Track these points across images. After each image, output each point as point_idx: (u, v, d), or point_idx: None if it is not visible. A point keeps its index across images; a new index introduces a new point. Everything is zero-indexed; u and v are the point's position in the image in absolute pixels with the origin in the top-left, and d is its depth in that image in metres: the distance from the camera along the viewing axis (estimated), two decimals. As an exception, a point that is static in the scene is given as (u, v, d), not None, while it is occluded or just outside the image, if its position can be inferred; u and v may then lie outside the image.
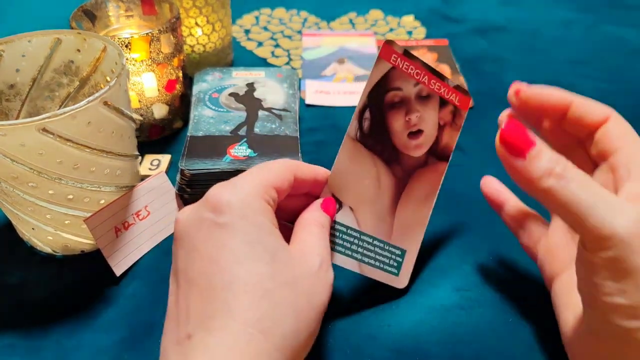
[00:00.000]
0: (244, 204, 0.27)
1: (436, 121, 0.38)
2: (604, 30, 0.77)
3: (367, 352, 0.35)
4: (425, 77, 0.37)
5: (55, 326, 0.37)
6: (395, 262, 0.37)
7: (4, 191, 0.37)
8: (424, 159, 0.38)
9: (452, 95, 0.38)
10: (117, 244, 0.40)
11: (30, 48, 0.41)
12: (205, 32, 0.62)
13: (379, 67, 0.35)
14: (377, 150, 0.36)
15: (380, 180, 0.36)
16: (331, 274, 0.30)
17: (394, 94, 0.36)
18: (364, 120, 0.35)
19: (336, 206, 0.35)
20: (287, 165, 0.32)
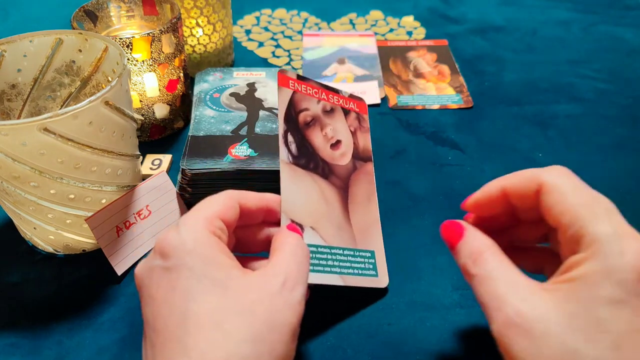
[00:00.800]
0: (189, 241, 0.28)
1: (347, 129, 0.42)
2: (603, 30, 0.77)
3: (367, 351, 0.35)
4: (322, 94, 0.41)
5: (56, 325, 0.37)
6: (370, 264, 0.38)
7: (6, 190, 0.37)
8: (352, 164, 0.41)
9: (350, 104, 0.43)
10: (119, 244, 0.40)
11: (31, 48, 0.42)
12: (206, 32, 0.62)
13: (283, 94, 0.39)
14: (310, 167, 0.38)
15: (325, 194, 0.38)
16: (298, 292, 0.28)
17: (305, 114, 0.40)
18: (290, 143, 0.38)
19: (300, 230, 0.35)
20: (230, 194, 0.32)
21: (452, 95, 0.62)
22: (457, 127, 0.57)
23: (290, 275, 0.29)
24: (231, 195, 0.32)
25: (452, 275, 0.41)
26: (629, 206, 0.47)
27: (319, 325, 0.37)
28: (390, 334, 0.36)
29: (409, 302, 0.39)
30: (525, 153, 0.53)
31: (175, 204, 0.44)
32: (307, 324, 0.37)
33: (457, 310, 0.38)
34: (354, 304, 0.38)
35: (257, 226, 0.35)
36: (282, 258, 0.30)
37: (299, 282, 0.29)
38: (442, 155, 0.53)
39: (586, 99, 0.62)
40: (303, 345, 0.36)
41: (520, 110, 0.60)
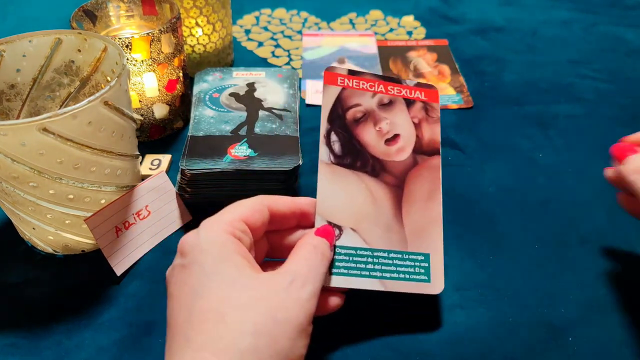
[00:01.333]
0: (204, 241, 0.29)
1: (409, 121, 0.39)
2: (603, 30, 0.77)
3: (367, 351, 0.35)
4: (380, 86, 0.39)
5: (56, 325, 0.37)
6: (422, 269, 0.36)
7: (5, 191, 0.37)
8: (412, 159, 0.38)
9: (416, 93, 0.40)
10: (118, 244, 0.40)
11: (31, 48, 0.41)
12: (206, 32, 0.62)
13: (329, 93, 0.38)
14: (357, 166, 0.37)
15: (373, 193, 0.36)
16: (307, 291, 0.29)
17: (355, 111, 0.38)
18: (333, 143, 0.37)
19: (335, 232, 0.34)
20: (259, 198, 0.33)
21: (452, 95, 0.62)
22: (457, 127, 0.57)
23: (299, 274, 0.29)
24: (260, 200, 0.33)
25: (452, 275, 0.41)
26: (629, 206, 0.47)
27: (318, 325, 0.37)
28: (390, 334, 0.36)
29: (409, 302, 0.39)
30: (526, 153, 0.53)
31: (174, 204, 0.44)
32: (307, 324, 0.37)
33: (457, 310, 0.38)
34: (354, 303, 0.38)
35: (290, 230, 0.35)
36: (295, 259, 0.31)
37: (308, 281, 0.29)
38: (442, 155, 0.53)
39: (586, 99, 0.62)
40: (303, 346, 0.36)
41: (520, 110, 0.60)
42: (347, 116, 0.38)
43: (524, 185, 0.49)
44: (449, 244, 0.43)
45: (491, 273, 0.41)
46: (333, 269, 0.34)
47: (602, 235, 0.44)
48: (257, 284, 0.28)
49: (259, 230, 0.32)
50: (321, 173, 0.36)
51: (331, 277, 0.34)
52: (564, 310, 0.38)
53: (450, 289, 0.40)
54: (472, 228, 0.45)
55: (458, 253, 0.43)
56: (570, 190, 0.49)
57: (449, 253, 0.43)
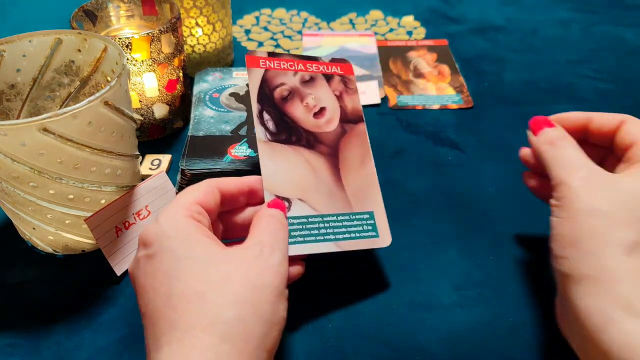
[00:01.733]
0: (167, 228, 0.29)
1: (332, 94, 0.42)
2: (603, 30, 0.77)
3: (367, 351, 0.35)
4: (299, 65, 0.42)
5: (55, 325, 0.37)
6: (369, 226, 0.38)
7: (5, 191, 0.37)
8: (340, 128, 0.41)
9: (332, 68, 0.43)
10: (118, 244, 0.40)
11: (31, 48, 0.41)
12: (206, 32, 0.62)
13: (253, 75, 0.40)
14: (293, 141, 0.39)
15: (312, 164, 0.38)
16: (276, 257, 0.30)
17: (281, 89, 0.40)
18: (266, 122, 0.39)
19: (285, 204, 0.36)
20: (208, 181, 0.34)
21: (452, 95, 0.62)
22: (457, 127, 0.57)
23: (266, 243, 0.30)
24: (209, 182, 0.34)
25: (452, 275, 0.41)
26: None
27: (319, 326, 0.37)
28: (390, 334, 0.36)
29: (409, 302, 0.39)
30: (525, 153, 0.53)
31: (174, 204, 0.44)
32: (307, 324, 0.37)
33: (457, 310, 0.38)
34: (354, 304, 0.38)
35: (241, 209, 0.36)
36: (258, 231, 0.32)
37: (275, 247, 0.30)
38: (442, 155, 0.53)
39: (586, 99, 0.62)
40: (303, 345, 0.36)
41: (520, 110, 0.60)
42: (275, 95, 0.40)
43: (523, 185, 0.49)
44: (449, 243, 0.43)
45: (491, 273, 0.41)
46: (289, 239, 0.35)
47: (602, 235, 0.44)
48: (229, 258, 0.29)
49: (213, 211, 0.33)
50: (261, 151, 0.37)
51: (289, 246, 0.35)
52: (563, 310, 0.38)
53: (450, 289, 0.40)
54: (472, 228, 0.45)
55: (458, 253, 0.43)
56: (570, 190, 0.49)
57: (449, 253, 0.43)
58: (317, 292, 0.39)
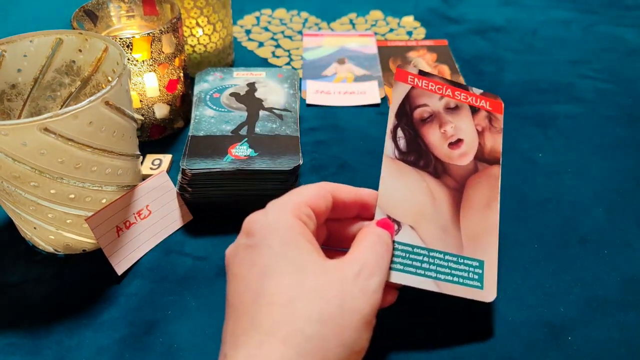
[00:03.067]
0: (273, 222, 0.29)
1: (473, 128, 0.39)
2: (603, 30, 0.77)
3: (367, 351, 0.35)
4: (448, 90, 0.40)
5: (56, 325, 0.37)
6: (476, 275, 0.35)
7: (6, 190, 0.37)
8: (473, 166, 0.38)
9: (481, 102, 0.40)
10: (119, 243, 0.40)
11: (32, 48, 0.42)
12: (206, 32, 0.62)
13: (399, 89, 0.38)
14: (420, 165, 0.37)
15: (434, 193, 0.36)
16: (374, 282, 0.29)
17: (422, 110, 0.38)
18: (398, 139, 0.37)
19: (394, 226, 0.34)
20: (323, 185, 0.33)
21: (452, 95, 0.62)
22: (457, 127, 0.57)
23: (367, 264, 0.29)
24: (325, 186, 0.33)
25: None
26: (628, 206, 0.47)
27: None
28: (390, 334, 0.36)
29: (409, 302, 0.39)
30: (525, 153, 0.53)
31: (175, 204, 0.44)
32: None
33: (458, 310, 0.38)
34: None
35: (350, 220, 0.35)
36: (361, 248, 0.31)
37: (375, 272, 0.29)
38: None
39: (586, 99, 0.62)
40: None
41: (520, 110, 0.60)
42: (415, 115, 0.38)
43: (524, 185, 0.49)
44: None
45: (491, 272, 0.41)
46: (391, 264, 0.34)
47: (601, 235, 0.44)
48: (325, 272, 0.28)
49: (322, 216, 0.32)
50: (385, 167, 0.36)
51: (390, 272, 0.34)
52: (563, 310, 0.38)
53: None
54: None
55: (458, 253, 0.43)
56: (570, 190, 0.49)
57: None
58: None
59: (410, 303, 0.37)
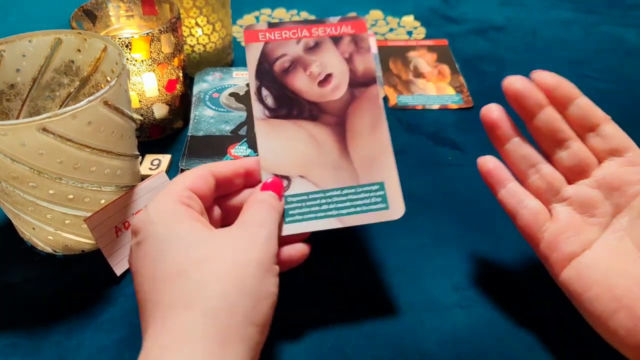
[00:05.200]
0: (153, 214, 0.30)
1: (339, 57, 0.39)
2: (603, 30, 0.77)
3: (367, 351, 0.35)
4: (304, 31, 0.39)
5: (55, 325, 0.37)
6: (379, 197, 0.36)
7: (5, 191, 0.37)
8: (349, 95, 0.38)
9: (342, 29, 0.40)
10: (118, 244, 0.40)
11: (30, 48, 0.41)
12: (206, 32, 0.62)
13: (251, 50, 0.38)
14: (294, 115, 0.37)
15: (315, 136, 0.37)
16: (262, 234, 0.30)
17: (282, 61, 0.38)
18: (265, 98, 0.37)
19: (283, 182, 0.35)
20: (202, 167, 0.33)
21: (452, 95, 0.62)
22: (457, 127, 0.57)
23: (252, 223, 0.30)
24: (202, 168, 0.33)
25: (452, 275, 0.41)
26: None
27: (319, 326, 0.37)
28: (390, 334, 0.36)
29: (409, 302, 0.39)
30: (526, 153, 0.53)
31: (174, 204, 0.44)
32: (307, 324, 0.37)
33: (457, 310, 0.38)
34: (354, 304, 0.38)
35: (239, 192, 0.36)
36: (245, 214, 0.31)
37: (262, 226, 0.30)
38: (442, 155, 0.53)
39: (586, 99, 0.62)
40: (303, 346, 0.36)
41: (520, 110, 0.60)
42: (275, 68, 0.38)
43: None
44: (449, 243, 0.43)
45: (491, 273, 0.41)
46: (287, 218, 0.35)
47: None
48: (213, 238, 0.29)
49: (207, 197, 0.33)
50: (258, 129, 0.36)
51: (285, 226, 0.35)
52: (563, 310, 0.38)
53: (450, 289, 0.40)
54: (472, 228, 0.45)
55: (458, 253, 0.43)
56: (570, 190, 0.49)
57: (449, 253, 0.43)
58: (317, 292, 0.39)
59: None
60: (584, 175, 0.34)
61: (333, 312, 0.38)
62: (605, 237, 0.33)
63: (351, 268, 0.41)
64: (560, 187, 0.35)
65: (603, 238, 0.33)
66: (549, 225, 0.34)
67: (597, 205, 0.33)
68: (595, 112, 0.35)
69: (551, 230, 0.34)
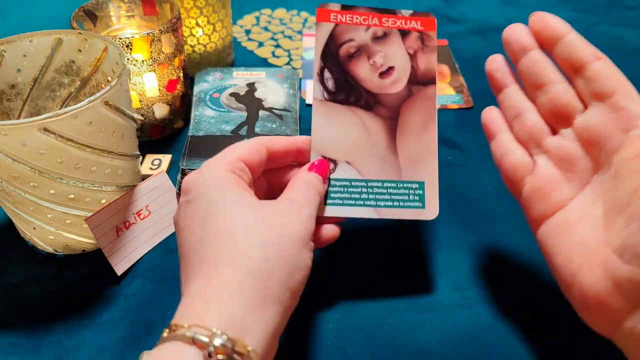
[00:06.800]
0: (207, 177, 0.31)
1: (404, 52, 0.39)
2: (603, 31, 0.77)
3: (367, 351, 0.35)
4: (374, 19, 0.39)
5: (56, 325, 0.37)
6: (417, 196, 0.37)
7: (5, 191, 0.37)
8: (406, 91, 0.38)
9: (411, 23, 0.39)
10: (118, 244, 0.40)
11: (31, 48, 0.41)
12: (206, 32, 0.62)
13: (321, 30, 0.38)
14: (351, 101, 0.38)
15: (367, 126, 0.37)
16: (306, 212, 0.31)
17: (348, 46, 0.38)
18: (326, 80, 0.38)
19: (329, 165, 0.36)
20: (257, 139, 0.35)
21: (452, 95, 0.62)
22: (457, 127, 0.57)
23: (297, 199, 0.32)
24: (257, 140, 0.35)
25: (452, 275, 0.41)
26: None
27: (319, 325, 0.37)
28: (390, 334, 0.36)
29: (409, 302, 0.39)
30: (526, 153, 0.53)
31: (174, 204, 0.44)
32: (307, 323, 0.37)
33: (457, 310, 0.38)
34: (354, 304, 0.38)
35: (288, 168, 0.37)
36: (289, 191, 0.33)
37: (305, 205, 0.32)
38: (442, 155, 0.53)
39: (586, 99, 0.62)
40: (303, 345, 0.36)
41: (520, 110, 0.60)
42: (341, 52, 0.38)
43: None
44: (449, 243, 0.43)
45: (491, 272, 0.41)
46: (328, 200, 0.36)
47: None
48: (261, 207, 0.30)
49: (257, 169, 0.34)
50: (315, 110, 0.37)
51: (326, 207, 0.36)
52: (563, 310, 0.38)
53: (450, 289, 0.40)
54: (472, 228, 0.45)
55: (458, 253, 0.43)
56: (570, 190, 0.49)
57: (449, 252, 0.43)
58: (317, 291, 0.39)
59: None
60: (566, 123, 0.33)
61: (333, 312, 0.38)
62: (580, 198, 0.31)
63: (351, 268, 0.41)
64: (542, 137, 0.33)
65: (578, 199, 0.31)
66: (529, 180, 0.33)
67: (576, 160, 0.32)
68: (582, 51, 0.33)
69: (529, 185, 0.33)
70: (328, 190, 0.36)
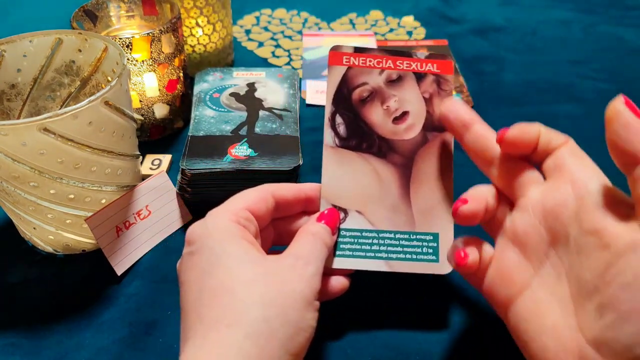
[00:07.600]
0: (211, 228, 0.30)
1: (419, 97, 0.37)
2: (603, 30, 0.77)
3: (368, 351, 0.35)
4: (389, 62, 0.37)
5: (56, 325, 0.37)
6: (430, 249, 0.35)
7: (5, 191, 0.37)
8: (421, 137, 0.37)
9: (427, 66, 0.37)
10: (118, 244, 0.40)
11: (31, 48, 0.41)
12: (206, 32, 0.62)
13: (334, 73, 0.37)
14: (363, 148, 0.36)
15: (380, 174, 0.36)
16: (311, 269, 0.30)
17: (362, 90, 0.37)
18: (338, 125, 0.36)
19: (339, 215, 0.35)
20: (264, 187, 0.33)
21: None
22: (457, 127, 0.57)
23: (302, 256, 0.30)
24: (264, 188, 0.33)
25: (451, 275, 0.41)
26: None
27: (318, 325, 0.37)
28: (390, 334, 0.36)
29: (409, 301, 0.39)
30: (525, 153, 0.53)
31: (175, 204, 0.44)
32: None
33: (457, 310, 0.38)
34: (354, 303, 0.38)
35: (296, 216, 0.36)
36: (296, 245, 0.32)
37: (311, 262, 0.30)
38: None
39: (586, 99, 0.62)
40: (303, 346, 0.36)
41: (520, 110, 0.60)
42: (353, 96, 0.37)
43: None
44: (449, 243, 0.43)
45: (491, 273, 0.41)
46: (337, 251, 0.34)
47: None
48: (263, 263, 0.29)
49: (264, 218, 0.33)
50: (325, 157, 0.36)
51: (335, 259, 0.34)
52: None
53: (450, 289, 0.40)
54: (472, 228, 0.45)
55: (458, 253, 0.43)
56: (570, 190, 0.49)
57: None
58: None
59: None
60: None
61: (333, 312, 0.38)
62: (544, 274, 0.30)
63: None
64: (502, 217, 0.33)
65: (541, 276, 0.30)
66: (493, 265, 0.32)
67: (530, 235, 0.30)
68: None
69: (490, 276, 0.32)
70: (337, 241, 0.35)
